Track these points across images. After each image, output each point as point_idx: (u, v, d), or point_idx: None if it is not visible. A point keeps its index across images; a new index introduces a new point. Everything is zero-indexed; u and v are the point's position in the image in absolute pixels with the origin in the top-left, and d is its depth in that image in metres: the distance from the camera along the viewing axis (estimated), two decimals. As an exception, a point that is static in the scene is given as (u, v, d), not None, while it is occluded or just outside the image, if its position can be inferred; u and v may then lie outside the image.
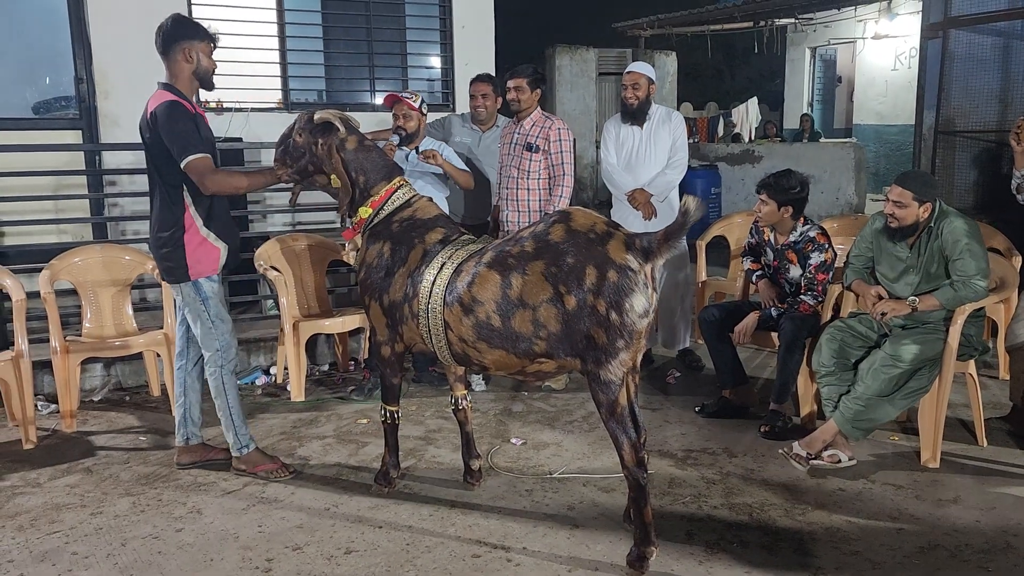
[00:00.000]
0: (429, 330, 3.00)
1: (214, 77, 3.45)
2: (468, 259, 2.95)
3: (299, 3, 6.83)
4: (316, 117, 3.24)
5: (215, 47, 3.41)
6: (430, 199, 3.36)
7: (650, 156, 4.83)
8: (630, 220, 4.71)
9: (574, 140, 4.63)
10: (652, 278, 2.70)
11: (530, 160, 4.47)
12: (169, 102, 3.25)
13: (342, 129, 3.23)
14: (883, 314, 3.61)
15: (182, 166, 3.22)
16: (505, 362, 2.88)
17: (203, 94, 6.17)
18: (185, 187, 3.33)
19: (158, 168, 3.34)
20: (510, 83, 4.48)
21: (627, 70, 4.90)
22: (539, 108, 4.57)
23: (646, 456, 2.76)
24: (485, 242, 3.10)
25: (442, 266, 2.98)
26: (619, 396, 2.70)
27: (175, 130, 3.21)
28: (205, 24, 3.42)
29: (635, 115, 4.83)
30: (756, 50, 13.51)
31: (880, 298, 3.69)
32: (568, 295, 2.67)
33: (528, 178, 4.49)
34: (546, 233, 2.78)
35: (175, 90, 3.32)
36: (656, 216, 4.76)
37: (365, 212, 3.26)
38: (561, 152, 4.45)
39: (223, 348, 3.47)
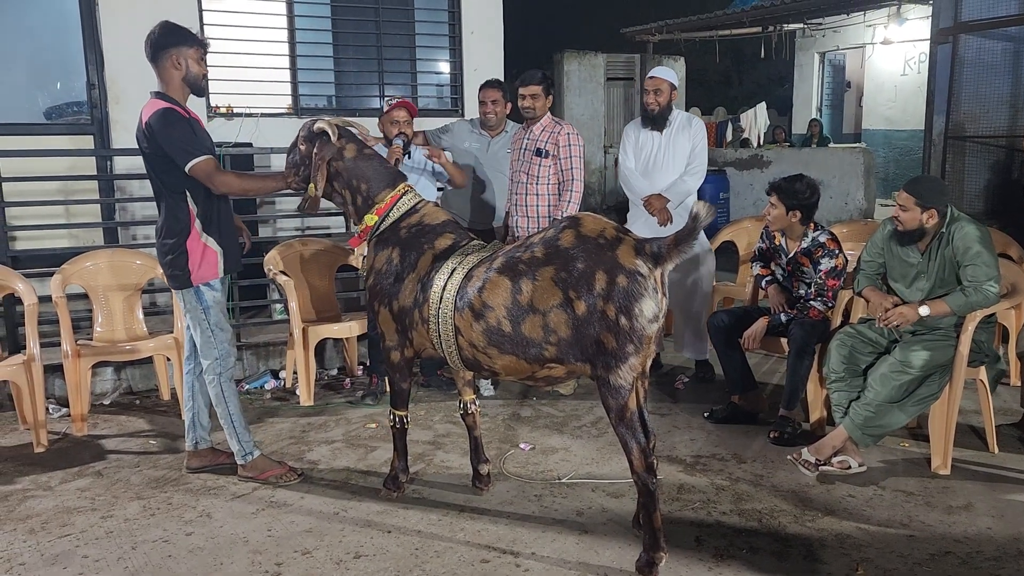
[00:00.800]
0: (439, 335, 3.01)
1: (206, 82, 3.44)
2: (479, 264, 2.96)
3: (309, 8, 6.87)
4: (315, 126, 3.26)
5: (205, 52, 3.41)
6: (436, 204, 3.36)
7: (668, 162, 4.80)
8: (642, 225, 4.70)
9: (583, 145, 4.61)
10: (662, 283, 2.70)
11: (539, 165, 4.48)
12: (162, 110, 3.24)
13: (333, 137, 3.23)
14: (896, 325, 3.60)
15: (187, 170, 3.23)
16: (515, 367, 2.89)
17: (214, 99, 6.25)
18: (188, 193, 3.34)
19: (160, 176, 3.34)
20: (524, 91, 4.47)
21: (649, 75, 4.87)
22: (549, 113, 4.57)
23: (655, 461, 2.76)
24: (495, 247, 3.11)
25: (452, 271, 2.99)
26: (628, 401, 2.70)
27: (173, 136, 3.22)
28: (202, 30, 3.43)
29: (655, 120, 4.79)
30: (764, 55, 13.48)
31: (895, 305, 3.66)
32: (578, 300, 2.67)
33: (537, 183, 4.49)
34: (556, 239, 2.78)
35: (167, 97, 3.32)
36: (672, 222, 4.72)
37: (371, 219, 3.26)
38: (571, 157, 4.45)
39: (221, 356, 3.48)
